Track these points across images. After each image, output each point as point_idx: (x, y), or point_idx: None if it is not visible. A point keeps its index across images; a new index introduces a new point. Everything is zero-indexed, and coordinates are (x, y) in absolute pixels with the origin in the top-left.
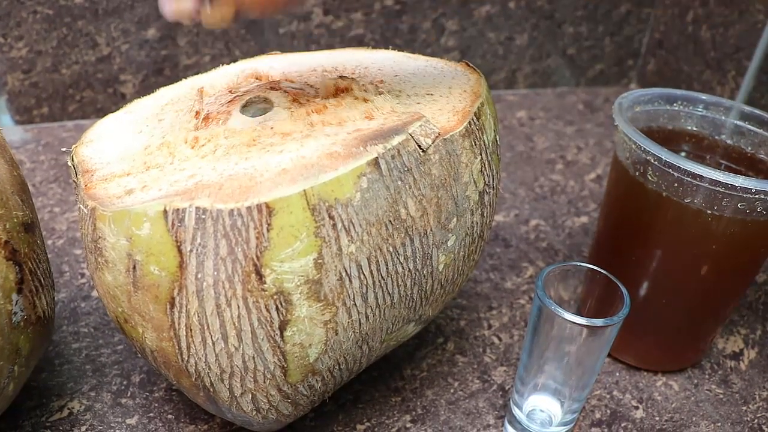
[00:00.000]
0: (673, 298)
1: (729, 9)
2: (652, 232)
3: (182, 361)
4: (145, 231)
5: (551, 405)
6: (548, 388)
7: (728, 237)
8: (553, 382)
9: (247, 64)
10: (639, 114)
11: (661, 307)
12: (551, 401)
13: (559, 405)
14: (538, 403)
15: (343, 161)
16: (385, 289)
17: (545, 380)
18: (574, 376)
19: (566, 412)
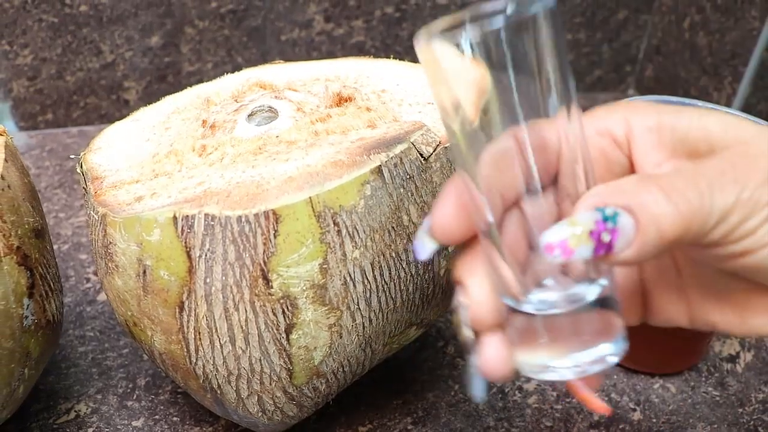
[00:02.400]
0: None
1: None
2: None
3: (190, 363)
4: (155, 237)
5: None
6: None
7: None
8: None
9: (251, 72)
10: None
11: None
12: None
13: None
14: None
15: (347, 169)
16: (388, 294)
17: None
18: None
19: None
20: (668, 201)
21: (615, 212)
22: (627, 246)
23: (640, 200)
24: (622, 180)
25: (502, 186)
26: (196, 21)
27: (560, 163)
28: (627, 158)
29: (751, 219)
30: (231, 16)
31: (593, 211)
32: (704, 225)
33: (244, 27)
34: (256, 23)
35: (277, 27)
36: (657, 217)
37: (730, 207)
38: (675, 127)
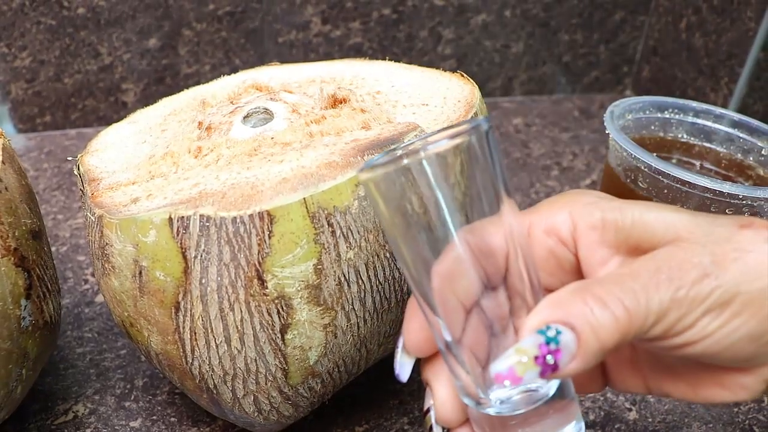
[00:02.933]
0: None
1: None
2: None
3: (186, 363)
4: (151, 238)
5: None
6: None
7: None
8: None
9: (247, 74)
10: (631, 122)
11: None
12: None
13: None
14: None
15: (341, 171)
16: (383, 294)
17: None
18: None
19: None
20: (604, 309)
21: (557, 331)
22: (570, 360)
23: (577, 313)
24: (560, 292)
25: (460, 294)
26: (193, 23)
27: (508, 261)
28: (574, 256)
29: (689, 315)
30: (228, 18)
31: (536, 335)
32: (643, 326)
33: (241, 29)
34: (253, 25)
35: (275, 29)
36: (595, 328)
37: (666, 306)
38: (617, 225)
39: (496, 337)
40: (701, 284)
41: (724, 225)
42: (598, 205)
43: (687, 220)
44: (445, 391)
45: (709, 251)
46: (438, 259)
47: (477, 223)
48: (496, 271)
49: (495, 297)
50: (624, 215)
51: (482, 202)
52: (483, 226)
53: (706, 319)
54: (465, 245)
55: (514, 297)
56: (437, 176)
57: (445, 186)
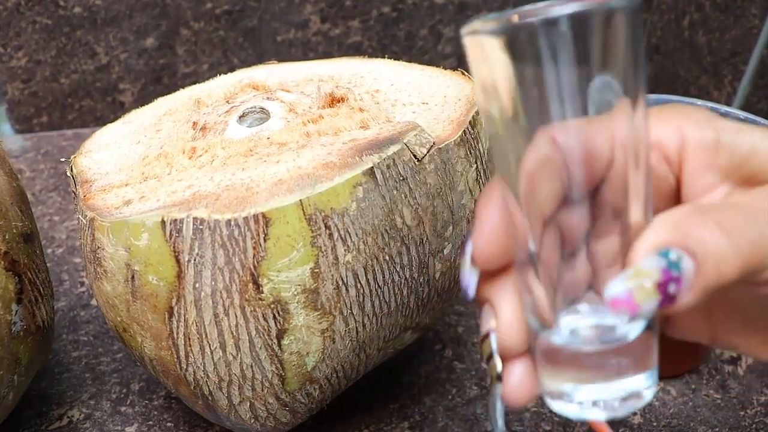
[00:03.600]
0: None
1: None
2: None
3: (181, 369)
4: (143, 241)
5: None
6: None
7: None
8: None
9: (244, 73)
10: None
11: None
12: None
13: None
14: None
15: (338, 171)
16: (382, 298)
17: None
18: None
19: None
20: (728, 240)
21: (679, 256)
22: (687, 292)
23: (700, 240)
24: (677, 212)
25: (544, 199)
26: (191, 22)
27: (611, 171)
28: (675, 177)
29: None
30: (226, 17)
31: (657, 256)
32: (762, 264)
33: (239, 28)
34: (251, 24)
35: (273, 28)
36: (717, 258)
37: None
38: (734, 149)
39: (567, 259)
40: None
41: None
42: (713, 123)
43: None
44: (511, 311)
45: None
46: (525, 155)
47: (584, 119)
48: (586, 181)
49: (575, 212)
50: (742, 139)
51: (611, 91)
52: (592, 124)
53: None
54: (560, 142)
55: (602, 215)
56: (572, 43)
57: (571, 59)
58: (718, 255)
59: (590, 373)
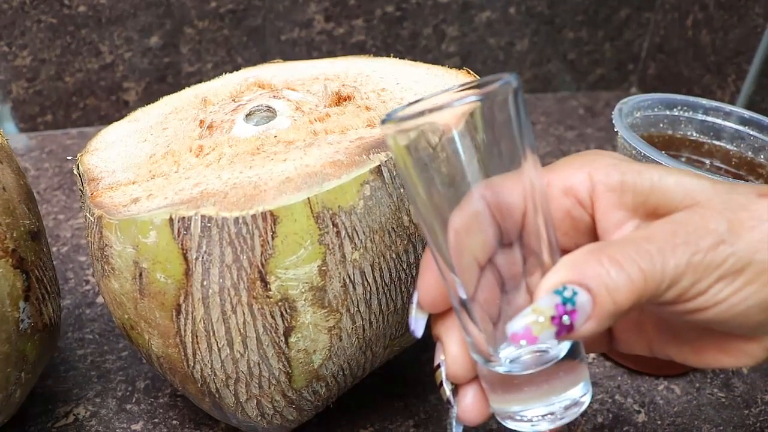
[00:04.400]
0: None
1: (728, 13)
2: None
3: (188, 367)
4: (151, 239)
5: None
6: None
7: None
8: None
9: (250, 72)
10: (639, 119)
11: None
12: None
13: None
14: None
15: (346, 169)
16: (389, 296)
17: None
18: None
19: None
20: (620, 271)
21: (573, 292)
22: (585, 321)
23: (593, 274)
24: (577, 253)
25: (475, 250)
26: (195, 21)
27: (525, 219)
28: (590, 217)
29: (702, 281)
30: (230, 16)
31: (552, 295)
32: (657, 289)
33: (243, 27)
34: (255, 23)
35: (277, 27)
36: (611, 289)
37: (681, 270)
38: (636, 187)
39: (508, 294)
40: (716, 251)
41: (743, 193)
42: (617, 166)
43: (706, 186)
44: (456, 347)
45: (725, 218)
46: (454, 213)
47: (496, 178)
48: (512, 227)
49: (509, 254)
50: (643, 178)
51: (504, 157)
52: (502, 182)
53: (719, 286)
54: (482, 200)
55: (529, 255)
56: (463, 133)
57: (470, 142)
58: (611, 286)
59: (534, 393)
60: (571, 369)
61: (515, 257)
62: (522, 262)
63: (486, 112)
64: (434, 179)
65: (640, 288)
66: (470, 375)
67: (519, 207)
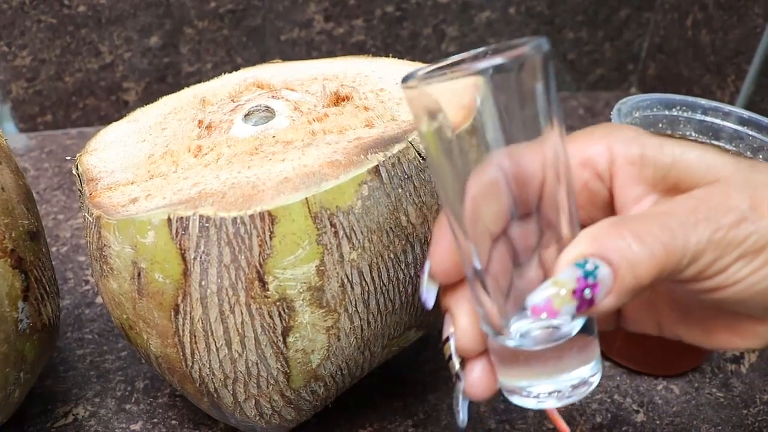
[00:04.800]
0: None
1: (728, 13)
2: None
3: (186, 367)
4: (149, 239)
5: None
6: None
7: None
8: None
9: (248, 72)
10: (638, 120)
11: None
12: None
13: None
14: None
15: (344, 169)
16: (387, 296)
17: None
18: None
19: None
20: (642, 245)
21: (595, 265)
22: (606, 295)
23: (615, 248)
24: (597, 226)
25: (489, 220)
26: (195, 21)
27: (543, 190)
28: (608, 190)
29: (723, 258)
30: (230, 16)
31: (574, 267)
32: (678, 265)
33: (243, 27)
34: (255, 23)
35: (277, 27)
36: (632, 264)
37: (703, 247)
38: (657, 162)
39: (520, 267)
40: (738, 228)
41: (764, 171)
42: (638, 140)
43: (728, 163)
44: (466, 319)
45: (747, 195)
46: (471, 180)
47: (516, 146)
48: (530, 198)
49: (524, 226)
50: (664, 152)
51: (528, 125)
52: (522, 150)
53: (739, 264)
54: (500, 168)
55: (546, 228)
56: (493, 94)
57: (493, 108)
58: (633, 260)
59: (542, 369)
60: (583, 347)
61: (530, 229)
62: (537, 235)
63: (512, 76)
64: (454, 143)
65: (661, 263)
66: (479, 348)
67: (538, 177)
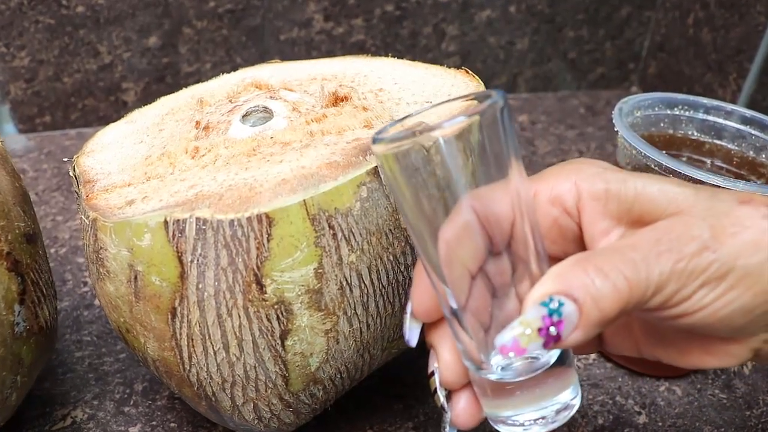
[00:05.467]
0: None
1: (730, 11)
2: None
3: (184, 370)
4: (146, 242)
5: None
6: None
7: None
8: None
9: (247, 72)
10: (640, 119)
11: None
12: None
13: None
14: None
15: (342, 171)
16: (386, 298)
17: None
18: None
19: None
20: (605, 280)
21: (559, 303)
22: (572, 330)
23: (579, 284)
24: (562, 264)
25: (466, 260)
26: (194, 21)
27: (514, 228)
28: (577, 225)
29: (686, 287)
30: (229, 15)
31: (539, 307)
32: (642, 297)
33: (242, 27)
34: (254, 23)
35: (276, 26)
36: (596, 299)
37: (666, 277)
38: (620, 196)
39: (499, 300)
40: (700, 257)
41: (724, 200)
42: (602, 175)
43: (689, 194)
44: (449, 354)
45: (708, 225)
46: (444, 225)
47: (483, 188)
48: (501, 236)
49: (499, 262)
50: (627, 187)
51: (492, 168)
52: (490, 192)
53: (703, 291)
54: (471, 211)
55: (518, 263)
56: (452, 151)
57: (459, 158)
58: (596, 295)
59: (525, 398)
60: (561, 374)
61: (504, 265)
62: (511, 270)
63: (474, 129)
64: (423, 191)
65: (625, 296)
66: (463, 381)
67: (508, 216)
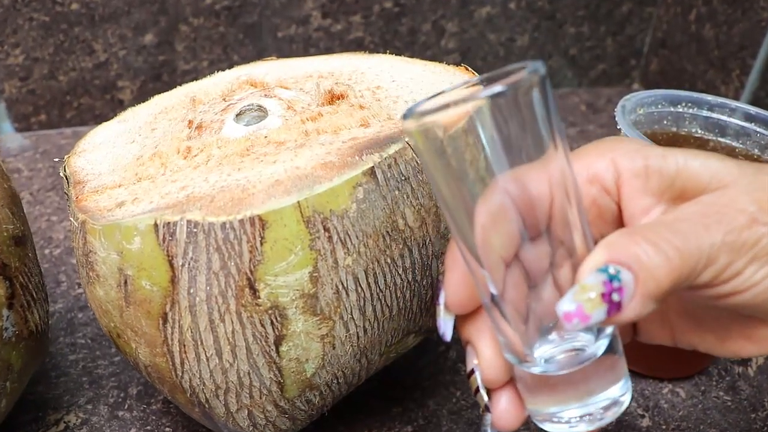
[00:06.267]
0: None
1: (732, 7)
2: None
3: (176, 377)
4: (135, 245)
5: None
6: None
7: None
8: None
9: (242, 70)
10: (642, 116)
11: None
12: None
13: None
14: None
15: (338, 171)
16: (384, 302)
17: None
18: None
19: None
20: (657, 251)
21: (617, 270)
22: (631, 299)
23: (632, 254)
24: (611, 236)
25: (501, 245)
26: (190, 18)
27: (552, 209)
28: (616, 204)
29: (737, 261)
30: (226, 12)
31: (598, 272)
32: (694, 269)
33: (239, 24)
34: (251, 20)
35: (274, 23)
36: (650, 269)
37: (717, 249)
38: (661, 172)
39: (536, 289)
40: (750, 230)
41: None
42: (641, 151)
43: (732, 168)
44: (489, 350)
45: (754, 198)
46: (479, 207)
47: (520, 168)
48: (539, 219)
49: (535, 248)
50: (668, 162)
51: (530, 147)
52: (527, 172)
53: (754, 267)
54: (506, 192)
55: (557, 247)
56: (491, 124)
57: (494, 133)
58: (651, 264)
59: (570, 393)
60: (610, 367)
61: (542, 251)
62: (549, 255)
63: (510, 102)
64: (461, 172)
65: (677, 266)
66: (504, 378)
67: (546, 198)
